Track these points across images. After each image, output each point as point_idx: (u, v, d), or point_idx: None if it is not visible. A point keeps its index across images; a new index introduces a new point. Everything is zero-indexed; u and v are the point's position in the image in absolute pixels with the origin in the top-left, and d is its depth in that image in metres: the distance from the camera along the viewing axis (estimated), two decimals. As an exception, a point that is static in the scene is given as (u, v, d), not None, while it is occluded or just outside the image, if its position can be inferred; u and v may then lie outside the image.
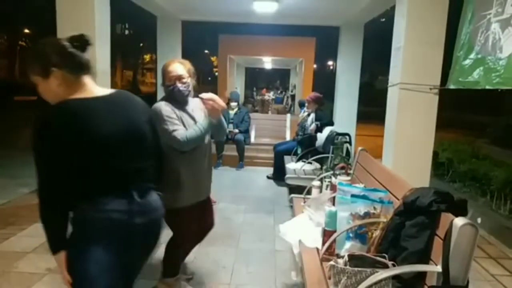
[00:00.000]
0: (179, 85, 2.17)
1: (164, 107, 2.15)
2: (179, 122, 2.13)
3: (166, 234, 2.42)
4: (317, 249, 2.16)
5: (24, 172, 5.47)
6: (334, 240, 2.00)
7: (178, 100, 2.21)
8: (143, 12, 6.63)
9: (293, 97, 16.25)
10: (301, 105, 7.01)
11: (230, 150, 6.38)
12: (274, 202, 4.60)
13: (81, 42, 1.43)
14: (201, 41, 21.65)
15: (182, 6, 6.38)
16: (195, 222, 2.38)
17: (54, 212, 1.37)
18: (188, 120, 2.21)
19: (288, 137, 7.16)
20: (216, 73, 11.73)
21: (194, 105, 2.33)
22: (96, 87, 1.47)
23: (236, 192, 4.96)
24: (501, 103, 13.95)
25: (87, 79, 1.45)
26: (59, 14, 3.82)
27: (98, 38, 3.85)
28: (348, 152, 4.41)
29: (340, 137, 4.36)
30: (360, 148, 3.09)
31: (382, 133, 4.22)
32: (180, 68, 2.20)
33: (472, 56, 3.24)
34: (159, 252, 2.56)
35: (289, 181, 4.56)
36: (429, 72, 3.69)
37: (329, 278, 1.74)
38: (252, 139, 6.95)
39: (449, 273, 1.42)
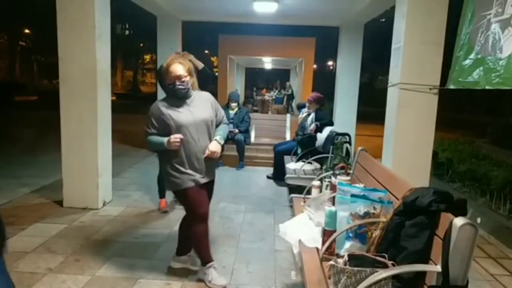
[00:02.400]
0: (177, 83, 2.42)
1: (154, 107, 2.48)
2: (154, 125, 2.45)
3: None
4: (317, 248, 2.16)
5: (24, 172, 5.48)
6: (334, 240, 2.01)
7: (179, 96, 2.47)
8: (143, 12, 6.64)
9: (289, 96, 16.04)
10: (299, 107, 6.98)
11: (230, 150, 6.37)
12: (274, 202, 4.60)
13: None
14: (201, 41, 21.63)
15: (182, 6, 6.39)
16: (200, 201, 2.56)
17: None
18: (185, 114, 2.45)
19: (288, 137, 7.14)
20: (216, 73, 11.70)
21: (199, 99, 2.56)
22: None
23: (236, 192, 4.96)
24: (500, 103, 13.95)
25: None
26: (59, 14, 3.82)
27: (98, 38, 3.86)
28: (348, 152, 4.40)
29: (340, 137, 4.36)
30: (360, 148, 3.08)
31: (382, 133, 4.23)
32: (180, 68, 2.44)
33: (472, 56, 3.24)
34: (158, 253, 2.57)
35: (289, 181, 4.56)
36: (429, 72, 3.69)
37: (329, 278, 1.74)
38: (252, 139, 6.94)
39: (449, 272, 1.42)
